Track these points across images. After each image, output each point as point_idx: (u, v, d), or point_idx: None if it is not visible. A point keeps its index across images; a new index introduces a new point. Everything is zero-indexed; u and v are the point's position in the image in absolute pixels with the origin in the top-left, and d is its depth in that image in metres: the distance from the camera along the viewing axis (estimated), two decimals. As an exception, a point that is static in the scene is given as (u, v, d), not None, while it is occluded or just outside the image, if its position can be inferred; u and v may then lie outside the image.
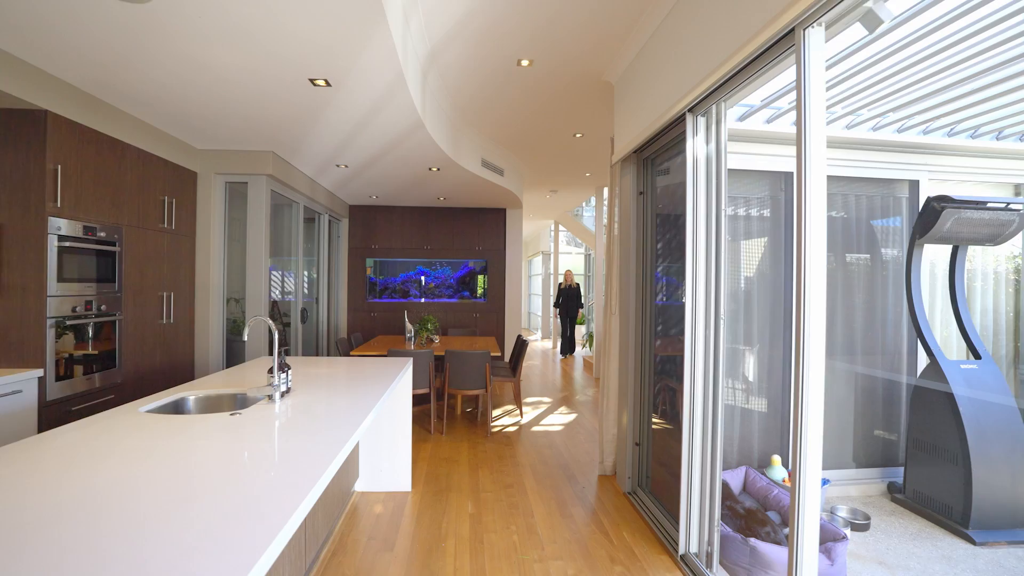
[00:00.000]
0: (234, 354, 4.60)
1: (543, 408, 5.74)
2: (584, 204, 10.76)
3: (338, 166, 4.93)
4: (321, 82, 2.88)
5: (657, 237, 3.28)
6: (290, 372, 2.15)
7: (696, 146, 2.57)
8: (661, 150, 3.13)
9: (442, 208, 7.47)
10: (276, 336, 2.05)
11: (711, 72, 2.29)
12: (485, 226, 7.56)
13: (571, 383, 7.16)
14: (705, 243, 2.54)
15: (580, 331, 13.29)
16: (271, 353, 4.95)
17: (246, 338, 1.99)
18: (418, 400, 5.71)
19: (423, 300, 7.57)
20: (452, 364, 4.66)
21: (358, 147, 4.29)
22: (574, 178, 7.04)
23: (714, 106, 2.48)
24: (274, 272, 5.66)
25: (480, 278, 7.69)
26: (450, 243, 7.52)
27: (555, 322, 11.44)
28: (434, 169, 5.02)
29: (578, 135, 5.05)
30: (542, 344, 12.05)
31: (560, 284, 9.24)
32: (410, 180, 5.64)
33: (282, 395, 2.08)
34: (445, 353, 4.68)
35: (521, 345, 5.39)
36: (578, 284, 9.14)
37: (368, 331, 7.35)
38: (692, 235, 2.56)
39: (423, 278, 7.69)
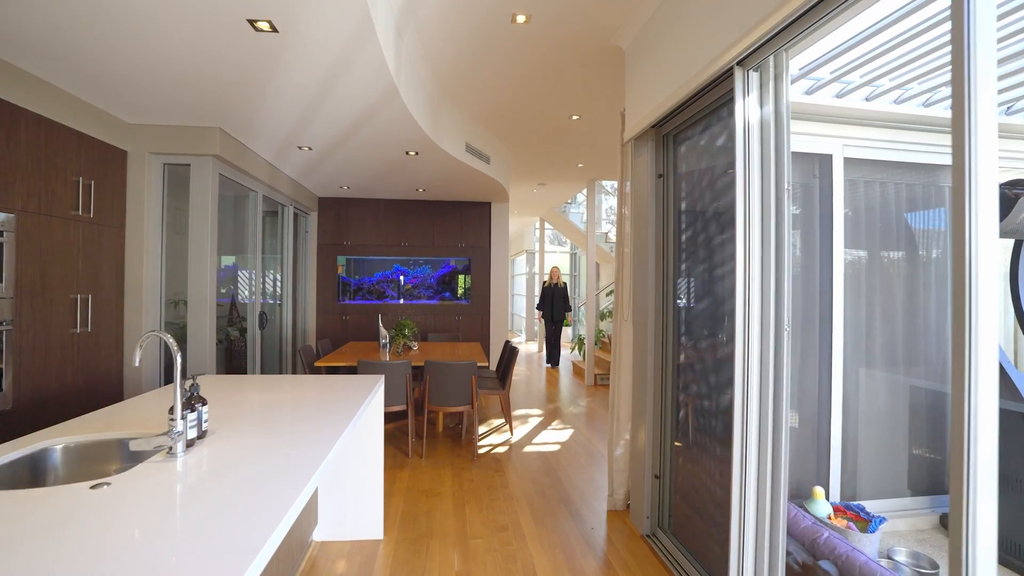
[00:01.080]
0: (171, 363, 3.90)
1: (533, 422, 5.16)
2: (570, 201, 10.22)
3: (301, 148, 4.27)
4: (264, 25, 2.24)
5: (683, 228, 2.73)
6: (204, 410, 1.51)
7: (748, 109, 2.01)
8: (690, 122, 2.58)
9: (421, 201, 6.83)
10: (179, 360, 1.42)
11: (774, 9, 1.73)
12: (468, 221, 6.95)
13: (560, 392, 6.60)
14: (761, 233, 1.98)
15: (567, 333, 12.76)
16: (226, 368, 4.26)
17: (137, 362, 1.36)
18: (394, 416, 5.07)
19: (402, 301, 6.92)
20: (433, 377, 4.04)
21: (321, 123, 3.64)
22: (566, 169, 6.48)
23: (772, 57, 1.93)
24: (234, 272, 4.97)
25: (462, 278, 7.07)
26: (430, 239, 6.88)
27: (540, 325, 10.88)
28: (412, 153, 4.39)
29: (575, 117, 4.49)
30: (526, 347, 11.47)
31: (544, 283, 8.19)
32: (385, 167, 5.00)
33: (190, 444, 1.45)
34: (424, 364, 4.06)
35: (510, 353, 4.79)
36: (565, 283, 8.14)
37: (339, 336, 6.66)
38: (744, 223, 2.00)
39: (401, 278, 7.04)
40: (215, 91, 3.03)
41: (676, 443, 2.76)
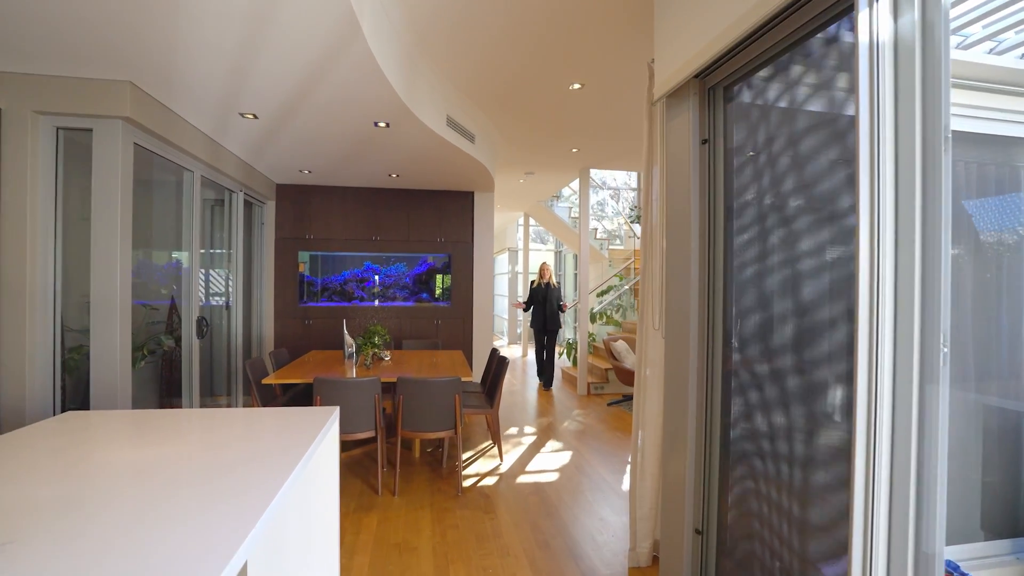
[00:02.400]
0: (78, 387, 3.09)
1: (525, 442, 4.47)
2: (556, 196, 9.57)
3: (244, 116, 3.48)
4: None
5: (738, 210, 2.07)
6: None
7: (876, 24, 1.35)
8: (753, 65, 1.92)
9: (395, 190, 6.07)
10: None
11: None
12: (449, 213, 6.21)
13: (552, 404, 5.92)
14: (894, 209, 1.33)
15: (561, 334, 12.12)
16: (160, 389, 3.36)
17: None
18: (361, 441, 4.32)
19: (376, 303, 6.15)
20: (407, 398, 3.31)
21: (264, 77, 2.88)
22: (558, 154, 5.81)
23: (915, -58, 1.28)
24: (177, 269, 4.14)
25: (440, 277, 6.34)
26: (405, 233, 6.12)
27: (525, 329, 10.20)
28: (382, 125, 3.65)
29: (576, 86, 3.81)
30: (508, 351, 10.78)
31: (532, 283, 6.81)
32: (351, 144, 4.24)
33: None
34: (397, 381, 3.33)
35: (499, 364, 4.09)
36: (558, 283, 6.88)
37: (300, 344, 5.85)
38: (871, 195, 1.34)
39: (373, 276, 6.27)
40: (117, 24, 2.25)
41: (728, 489, 2.11)
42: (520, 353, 10.20)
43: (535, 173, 6.77)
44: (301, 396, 3.93)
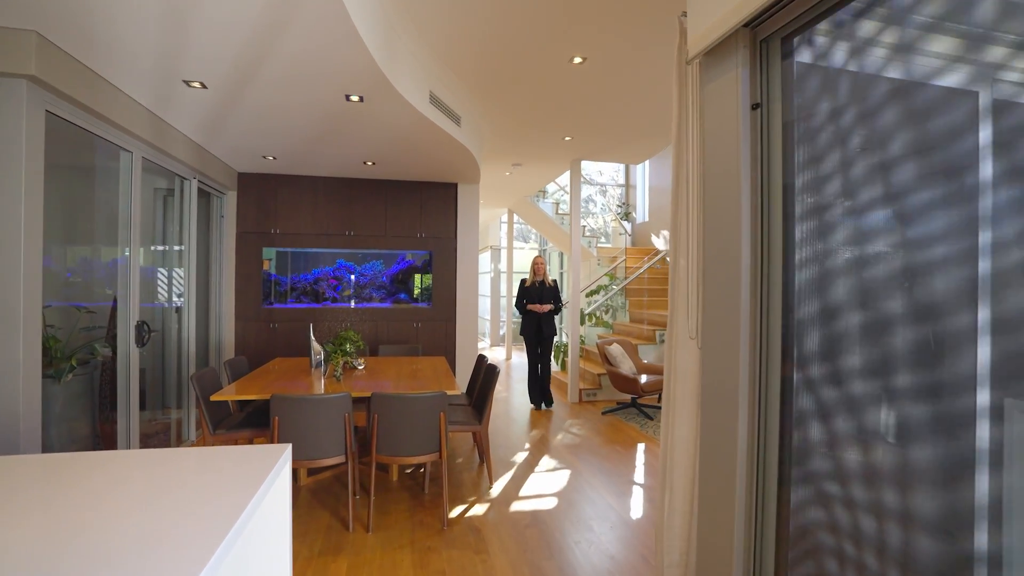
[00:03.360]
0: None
1: (516, 460, 4.01)
2: (541, 192, 9.13)
3: (190, 84, 2.94)
4: None
5: (801, 189, 1.65)
6: None
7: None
8: (826, 7, 1.50)
9: (371, 180, 5.55)
10: None
11: None
12: (430, 206, 5.71)
13: (543, 415, 5.48)
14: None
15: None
16: (93, 409, 2.70)
17: None
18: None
19: (352, 304, 5.61)
20: (384, 417, 2.82)
21: (208, 31, 2.36)
22: (549, 144, 5.36)
23: None
24: (115, 267, 3.57)
25: (419, 277, 5.84)
26: (382, 228, 5.60)
27: (509, 330, 9.74)
28: (355, 98, 3.15)
29: (578, 60, 3.37)
30: (491, 353, 10.32)
31: (523, 281, 5.62)
32: (320, 123, 3.72)
33: None
34: (372, 398, 2.83)
35: (488, 373, 3.63)
36: (555, 281, 5.59)
37: (264, 350, 5.29)
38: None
39: (347, 275, 5.73)
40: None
41: (790, 544, 1.69)
42: (504, 356, 9.75)
43: (523, 165, 6.32)
44: (263, 411, 3.40)
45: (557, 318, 6.14)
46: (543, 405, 5.62)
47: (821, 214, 1.64)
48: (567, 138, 5.14)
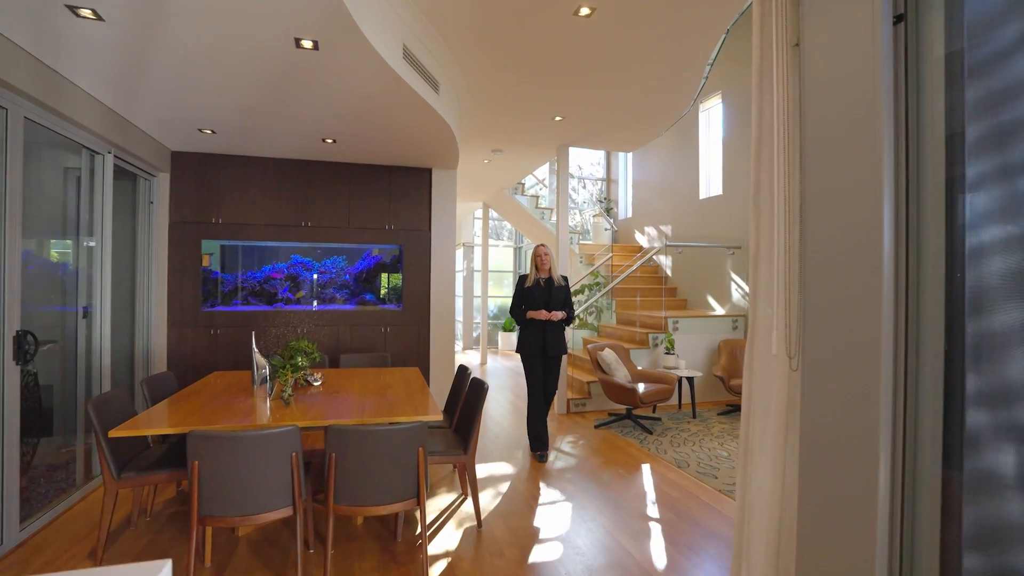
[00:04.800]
0: None
1: (504, 487, 3.39)
2: (519, 185, 8.53)
3: (77, 11, 2.20)
4: None
5: (984, 141, 1.11)
6: None
7: None
8: None
9: (332, 163, 4.83)
10: None
11: None
12: (400, 194, 5.03)
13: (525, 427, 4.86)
14: None
15: (510, 340, 11.00)
16: None
17: None
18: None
19: (315, 305, 4.88)
20: (344, 459, 2.15)
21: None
22: (537, 124, 4.77)
23: None
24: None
25: (387, 276, 5.15)
26: (344, 218, 4.89)
27: (484, 332, 9.11)
28: (307, 45, 2.46)
29: (585, 10, 2.78)
30: (465, 357, 9.66)
31: (523, 280, 4.00)
32: (263, 84, 3.01)
33: None
34: (327, 434, 2.16)
35: (474, 391, 3.00)
36: (565, 278, 4.04)
37: (203, 361, 4.50)
38: None
39: (306, 273, 4.99)
40: None
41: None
42: (479, 361, 9.11)
43: (504, 151, 5.70)
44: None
45: (569, 329, 4.75)
46: (542, 449, 3.99)
47: (1010, 180, 1.09)
48: (558, 118, 4.55)
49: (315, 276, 5.03)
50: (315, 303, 4.99)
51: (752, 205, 1.53)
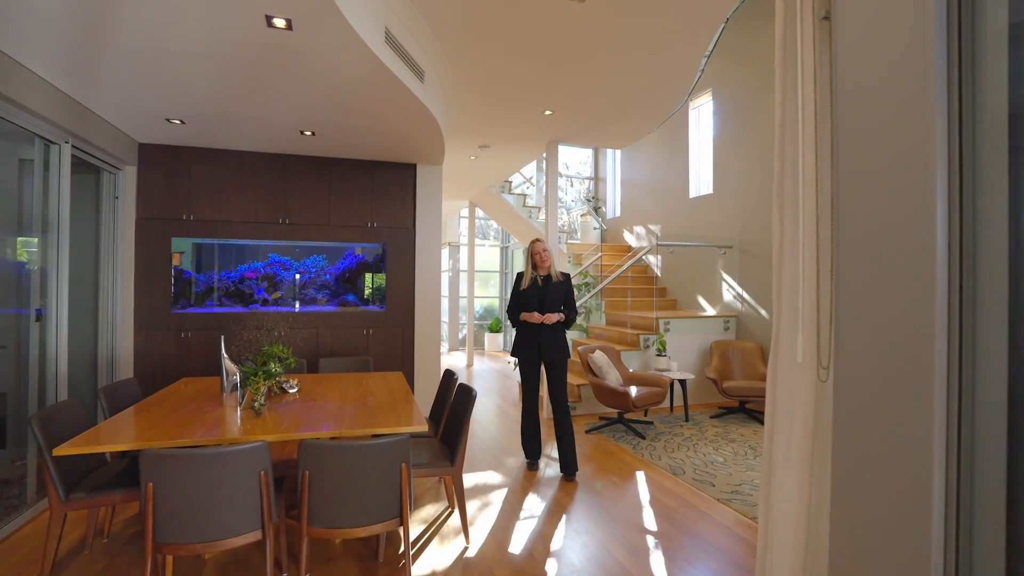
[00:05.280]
0: None
1: (494, 500, 3.21)
2: (506, 183, 8.36)
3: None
4: None
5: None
6: None
7: None
8: None
9: (311, 157, 4.60)
10: None
11: None
12: (384, 190, 4.82)
13: (514, 432, 4.69)
14: None
15: (497, 341, 10.82)
16: None
17: None
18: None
19: (293, 308, 4.65)
20: (320, 477, 1.96)
21: None
22: (526, 118, 4.60)
23: None
24: None
25: (371, 276, 4.94)
26: (324, 215, 4.67)
27: (471, 331, 8.91)
28: (280, 24, 2.26)
29: (580, -6, 2.62)
30: (450, 359, 9.47)
31: (519, 278, 3.65)
32: (234, 68, 2.79)
33: None
34: (300, 449, 1.96)
35: (461, 397, 2.82)
36: (566, 275, 3.67)
37: (173, 367, 4.24)
38: None
39: (284, 273, 4.76)
40: None
41: None
42: (464, 363, 8.91)
43: (491, 147, 5.53)
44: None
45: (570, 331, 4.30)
46: (570, 475, 3.56)
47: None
48: (547, 112, 4.39)
49: (294, 276, 4.80)
50: (297, 304, 4.76)
51: (775, 199, 1.38)
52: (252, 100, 3.22)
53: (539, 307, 3.56)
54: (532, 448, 3.78)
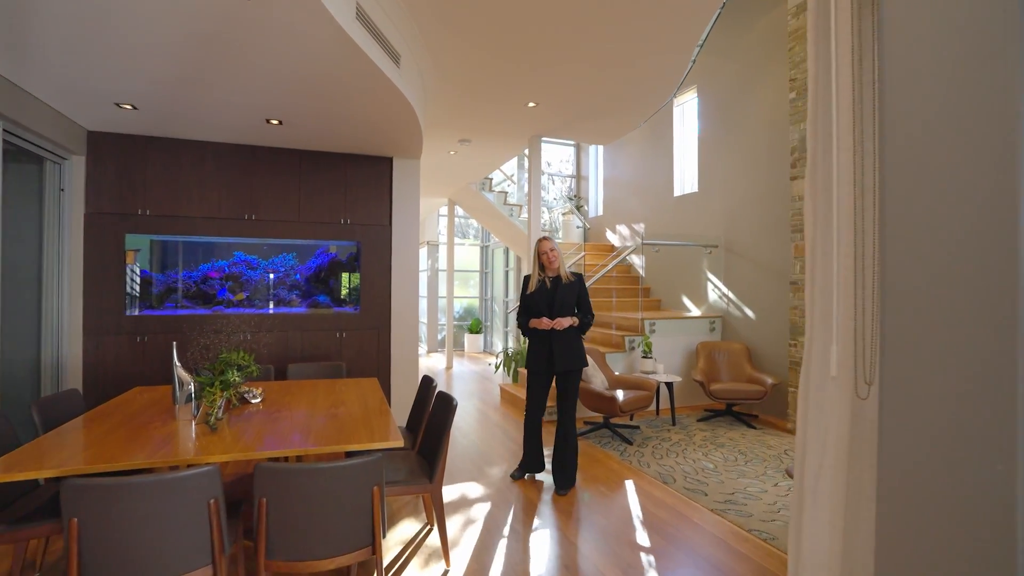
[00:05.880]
0: None
1: (476, 516, 2.99)
2: (487, 179, 8.15)
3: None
4: None
5: None
6: None
7: None
8: None
9: (279, 149, 4.32)
10: None
11: None
12: (358, 185, 4.56)
13: (501, 442, 4.50)
14: None
15: (476, 343, 10.58)
16: None
17: None
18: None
19: (262, 309, 4.36)
20: (279, 505, 1.72)
21: None
22: (508, 111, 4.40)
23: None
24: None
25: (348, 276, 4.68)
26: (294, 212, 4.39)
27: (451, 333, 8.68)
28: (235, -9, 2.01)
29: (569, -29, 2.42)
30: (429, 361, 9.21)
31: (526, 281, 3.39)
32: (187, 44, 2.52)
33: None
34: (256, 473, 1.72)
35: (440, 407, 2.60)
36: (578, 276, 3.35)
37: (127, 375, 3.92)
38: None
39: (253, 273, 4.46)
40: None
41: None
42: (444, 365, 8.67)
43: (472, 141, 5.31)
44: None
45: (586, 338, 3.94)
46: (562, 488, 3.32)
47: None
48: (531, 104, 4.19)
49: (262, 275, 4.50)
50: (267, 306, 4.47)
51: (807, 185, 1.20)
52: (211, 82, 2.95)
53: (548, 311, 3.26)
54: (533, 462, 3.52)
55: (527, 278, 3.37)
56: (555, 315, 3.24)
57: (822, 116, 1.15)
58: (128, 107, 3.34)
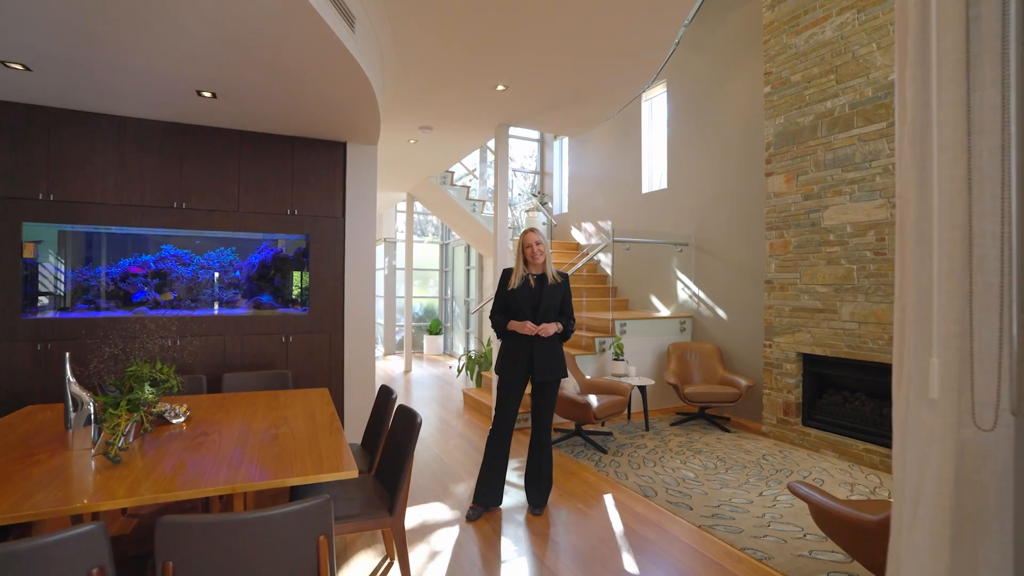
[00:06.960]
0: None
1: (441, 544, 2.63)
2: (448, 174, 7.75)
3: None
4: None
5: None
6: None
7: None
8: None
9: (216, 129, 3.80)
10: None
11: None
12: (307, 171, 4.09)
13: (467, 454, 4.14)
14: None
15: (437, 344, 10.13)
16: None
17: None
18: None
19: (204, 311, 3.83)
20: (186, 568, 1.31)
21: None
22: (474, 95, 4.05)
23: None
24: None
25: (299, 275, 4.21)
26: (233, 200, 3.87)
27: (408, 335, 8.23)
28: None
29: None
30: (386, 364, 8.73)
31: (506, 276, 2.98)
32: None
33: None
34: (157, 529, 1.30)
35: (401, 424, 2.24)
36: (564, 276, 2.98)
37: (25, 389, 3.32)
38: None
39: (184, 270, 3.92)
40: None
41: None
42: (402, 368, 8.21)
43: (433, 128, 4.93)
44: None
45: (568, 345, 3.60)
46: (536, 507, 3.02)
47: None
48: (500, 87, 3.86)
49: (195, 272, 3.97)
50: (204, 306, 3.94)
51: (897, 146, 0.93)
52: (124, 40, 2.45)
53: (532, 314, 2.88)
54: (491, 493, 2.98)
55: (507, 271, 3.00)
56: (540, 319, 2.88)
57: (916, 56, 0.87)
58: (17, 67, 2.78)
